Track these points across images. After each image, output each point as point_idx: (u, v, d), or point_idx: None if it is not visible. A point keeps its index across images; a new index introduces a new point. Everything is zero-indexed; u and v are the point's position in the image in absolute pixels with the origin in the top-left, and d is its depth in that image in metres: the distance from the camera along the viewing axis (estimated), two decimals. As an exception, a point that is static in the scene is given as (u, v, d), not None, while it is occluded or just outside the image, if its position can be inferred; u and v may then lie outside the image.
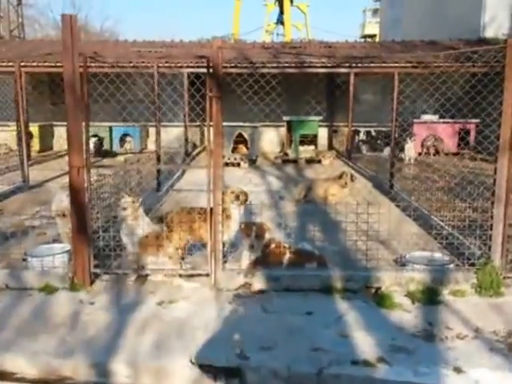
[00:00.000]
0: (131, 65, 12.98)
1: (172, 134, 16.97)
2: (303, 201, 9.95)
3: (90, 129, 16.09)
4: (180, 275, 5.66)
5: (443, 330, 4.54)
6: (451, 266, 5.60)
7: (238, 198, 5.99)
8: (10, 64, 12.83)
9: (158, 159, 10.39)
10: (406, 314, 4.90)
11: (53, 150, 19.60)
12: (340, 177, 10.01)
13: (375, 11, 56.90)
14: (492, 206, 5.38)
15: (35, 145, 18.49)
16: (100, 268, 5.68)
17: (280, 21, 33.21)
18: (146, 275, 5.69)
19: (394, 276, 5.37)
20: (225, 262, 5.55)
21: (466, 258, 5.52)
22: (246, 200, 6.12)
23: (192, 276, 5.67)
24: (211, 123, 5.35)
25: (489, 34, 18.58)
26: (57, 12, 74.35)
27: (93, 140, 17.93)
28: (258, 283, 5.41)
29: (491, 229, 5.36)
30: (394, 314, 4.89)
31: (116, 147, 18.60)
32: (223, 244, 5.51)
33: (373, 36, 50.83)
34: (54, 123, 19.28)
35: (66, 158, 15.05)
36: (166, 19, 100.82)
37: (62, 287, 5.50)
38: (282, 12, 31.73)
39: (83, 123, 5.42)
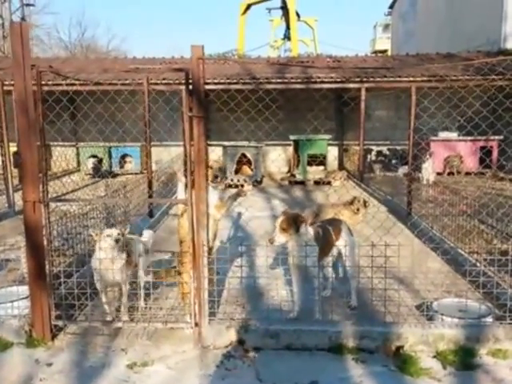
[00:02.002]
0: (121, 82, 12.21)
1: (174, 153, 16.12)
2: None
3: (87, 149, 15.53)
4: (158, 328, 4.73)
5: (486, 411, 3.59)
6: (489, 318, 4.61)
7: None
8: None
9: (150, 183, 9.50)
10: (437, 384, 3.94)
11: (51, 170, 18.82)
12: (351, 202, 9.05)
13: (386, 26, 56.10)
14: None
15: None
16: (62, 320, 4.75)
17: (287, 36, 32.51)
18: (119, 328, 4.76)
19: (420, 333, 4.40)
20: (212, 313, 4.61)
21: (508, 309, 4.52)
22: None
23: (173, 329, 4.74)
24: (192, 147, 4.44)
25: (510, 45, 17.63)
26: (63, 32, 74.92)
27: (91, 161, 17.33)
28: (253, 340, 4.46)
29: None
30: (422, 384, 3.93)
31: (116, 168, 17.81)
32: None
33: (384, 52, 49.99)
34: (51, 143, 18.48)
35: (64, 179, 14.34)
36: (173, 37, 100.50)
37: (17, 342, 4.64)
38: (288, 27, 31.11)
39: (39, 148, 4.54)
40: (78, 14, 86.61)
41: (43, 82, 4.71)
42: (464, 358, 4.25)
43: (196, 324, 4.55)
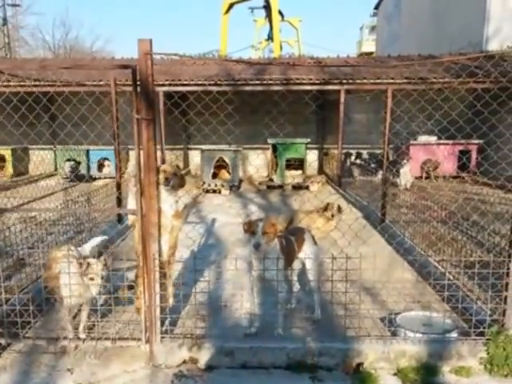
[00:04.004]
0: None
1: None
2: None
3: (65, 153, 15.19)
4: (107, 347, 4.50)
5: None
6: (453, 333, 4.44)
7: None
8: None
9: (119, 188, 9.24)
10: (395, 405, 3.77)
11: (28, 174, 18.55)
12: (325, 209, 8.89)
13: (373, 28, 56.11)
14: (509, 258, 4.23)
15: (8, 169, 17.51)
16: (5, 338, 4.52)
17: (271, 37, 32.19)
18: (64, 347, 4.52)
19: (381, 349, 4.22)
20: (165, 331, 4.40)
21: (474, 324, 4.35)
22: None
23: (123, 347, 4.51)
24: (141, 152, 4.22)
25: (492, 46, 17.51)
26: (47, 33, 74.37)
27: (68, 164, 17.02)
28: (207, 358, 4.26)
29: (506, 289, 4.22)
30: (379, 406, 3.75)
31: (94, 172, 17.48)
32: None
33: (370, 54, 50.00)
34: (29, 146, 18.21)
35: (39, 183, 14.04)
36: (159, 38, 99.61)
37: (-42, 362, 4.38)
38: (272, 27, 30.81)
39: None
40: (62, 15, 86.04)
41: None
42: (426, 376, 4.08)
43: (147, 341, 4.35)
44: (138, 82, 4.13)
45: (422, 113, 7.96)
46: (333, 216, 8.89)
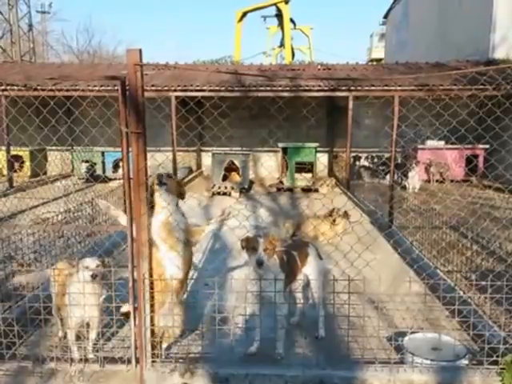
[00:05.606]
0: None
1: (159, 159, 15.42)
2: (291, 240, 8.34)
3: (81, 154, 14.83)
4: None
5: None
6: (464, 359, 3.90)
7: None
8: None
9: (125, 193, 8.76)
10: None
11: (46, 174, 18.22)
12: (330, 214, 8.39)
13: (382, 36, 55.33)
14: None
15: (26, 170, 17.18)
16: (-10, 358, 4.05)
17: (283, 44, 31.66)
18: (52, 369, 4.02)
19: (386, 378, 3.70)
20: (154, 355, 3.89)
21: (486, 352, 3.80)
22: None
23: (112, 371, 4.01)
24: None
25: (499, 55, 16.90)
26: (71, 38, 74.53)
27: (84, 165, 16.71)
28: (200, 385, 3.77)
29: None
30: None
31: (109, 172, 17.10)
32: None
33: (380, 60, 49.22)
34: (47, 147, 17.89)
35: (56, 183, 13.67)
36: (182, 43, 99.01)
37: None
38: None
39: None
40: (86, 21, 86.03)
41: None
42: (435, 409, 3.56)
43: (137, 363, 3.86)
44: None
45: (430, 120, 7.46)
46: (335, 221, 8.41)
